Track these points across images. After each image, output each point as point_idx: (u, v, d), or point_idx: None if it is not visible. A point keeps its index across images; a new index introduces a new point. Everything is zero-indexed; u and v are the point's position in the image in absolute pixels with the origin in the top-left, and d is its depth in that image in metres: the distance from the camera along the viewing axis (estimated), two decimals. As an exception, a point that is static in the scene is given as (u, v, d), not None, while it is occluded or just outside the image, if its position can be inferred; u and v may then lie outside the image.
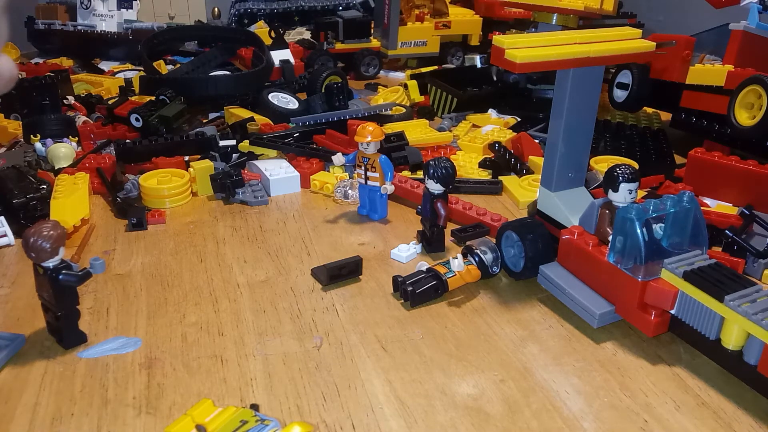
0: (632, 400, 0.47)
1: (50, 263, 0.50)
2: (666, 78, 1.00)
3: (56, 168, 0.87)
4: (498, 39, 0.54)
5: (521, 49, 0.53)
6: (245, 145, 0.94)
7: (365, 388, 0.48)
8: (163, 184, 0.80)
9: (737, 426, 0.45)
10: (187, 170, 0.84)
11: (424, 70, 1.38)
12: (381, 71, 1.51)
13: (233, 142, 0.93)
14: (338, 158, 0.76)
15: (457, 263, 0.60)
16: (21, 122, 1.01)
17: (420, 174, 0.87)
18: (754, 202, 0.71)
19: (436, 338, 0.54)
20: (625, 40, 0.58)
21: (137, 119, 0.96)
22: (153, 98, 1.04)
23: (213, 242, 0.71)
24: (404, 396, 0.48)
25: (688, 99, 0.98)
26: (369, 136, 0.73)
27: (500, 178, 0.87)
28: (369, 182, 0.75)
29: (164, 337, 0.54)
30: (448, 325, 0.56)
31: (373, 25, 1.54)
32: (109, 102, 1.14)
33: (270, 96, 1.10)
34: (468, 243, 0.64)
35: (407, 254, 0.67)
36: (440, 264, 0.61)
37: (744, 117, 0.84)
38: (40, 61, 1.51)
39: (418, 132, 1.00)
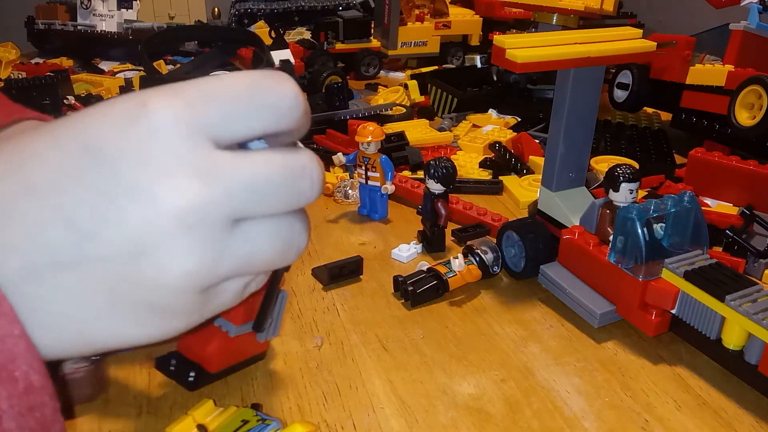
0: (633, 399, 0.47)
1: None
2: (666, 78, 1.00)
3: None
4: (499, 39, 0.54)
5: (522, 49, 0.53)
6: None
7: (366, 387, 0.48)
8: (164, 184, 0.80)
9: (738, 426, 0.45)
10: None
11: (424, 70, 1.38)
12: (381, 71, 1.51)
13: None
14: (339, 158, 0.76)
15: (458, 263, 0.60)
16: (21, 122, 1.01)
17: (420, 174, 0.87)
18: (755, 202, 0.71)
19: (437, 338, 0.54)
20: (625, 40, 0.58)
21: (137, 119, 0.96)
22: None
23: (213, 242, 0.71)
24: (405, 396, 0.48)
25: (688, 99, 0.98)
26: (369, 136, 0.73)
27: (500, 178, 0.87)
28: (369, 182, 0.75)
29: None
30: (448, 325, 0.56)
31: (373, 25, 1.54)
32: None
33: (270, 96, 1.10)
34: (468, 243, 0.64)
35: (408, 254, 0.67)
36: (441, 264, 0.61)
37: (744, 117, 0.84)
38: (40, 61, 1.51)
39: (418, 132, 1.00)
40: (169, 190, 0.23)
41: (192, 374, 0.46)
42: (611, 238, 0.54)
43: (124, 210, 0.23)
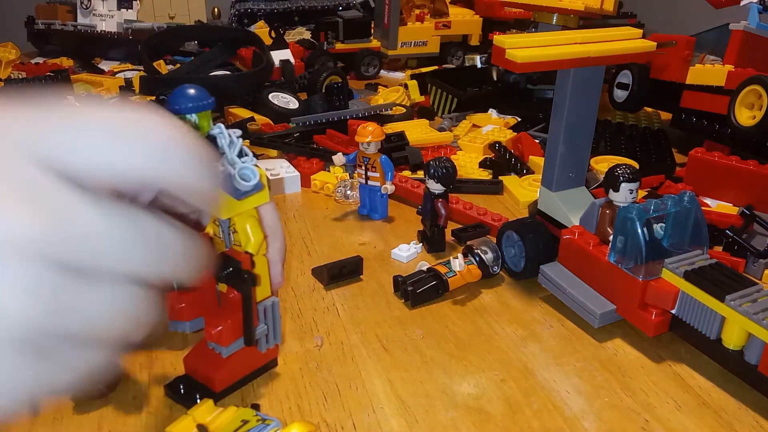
0: (633, 399, 0.47)
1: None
2: (666, 78, 1.00)
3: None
4: (499, 39, 0.54)
5: (522, 49, 0.53)
6: (245, 145, 0.94)
7: (366, 387, 0.48)
8: (164, 184, 0.80)
9: (738, 426, 0.45)
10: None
11: (424, 70, 1.38)
12: (381, 71, 1.51)
13: (233, 142, 0.93)
14: (339, 158, 0.76)
15: (458, 263, 0.60)
16: (21, 122, 1.01)
17: (420, 174, 0.87)
18: (755, 202, 0.71)
19: (437, 338, 0.54)
20: (625, 40, 0.58)
21: (137, 119, 0.96)
22: (153, 98, 1.04)
23: (213, 242, 0.71)
24: (405, 395, 0.48)
25: (688, 99, 0.98)
26: (369, 136, 0.73)
27: (500, 178, 0.87)
28: (369, 182, 0.75)
29: (165, 336, 0.54)
30: (448, 325, 0.56)
31: (373, 25, 1.54)
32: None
33: (270, 96, 1.10)
34: (468, 243, 0.64)
35: (408, 254, 0.67)
36: (441, 264, 0.61)
37: (744, 117, 0.84)
38: (40, 61, 1.51)
39: (418, 132, 1.00)
40: None
41: (197, 396, 0.46)
42: (611, 238, 0.54)
43: None
